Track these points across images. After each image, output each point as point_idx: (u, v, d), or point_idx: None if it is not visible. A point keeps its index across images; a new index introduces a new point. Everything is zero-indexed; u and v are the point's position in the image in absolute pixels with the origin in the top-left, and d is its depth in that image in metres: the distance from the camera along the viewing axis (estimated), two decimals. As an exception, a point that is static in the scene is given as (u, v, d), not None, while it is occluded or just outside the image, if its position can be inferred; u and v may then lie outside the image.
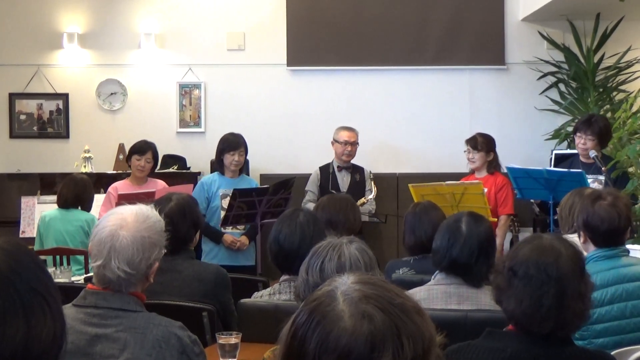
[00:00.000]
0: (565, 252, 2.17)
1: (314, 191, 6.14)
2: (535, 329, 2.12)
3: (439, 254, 3.07)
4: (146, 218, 2.37)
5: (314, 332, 1.13)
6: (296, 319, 1.18)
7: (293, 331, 1.17)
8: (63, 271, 4.57)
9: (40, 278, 1.35)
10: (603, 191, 3.16)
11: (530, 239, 2.27)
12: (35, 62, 7.16)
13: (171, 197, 3.53)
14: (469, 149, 5.76)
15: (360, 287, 1.17)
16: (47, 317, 1.33)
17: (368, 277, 1.22)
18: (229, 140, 5.63)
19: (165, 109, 7.20)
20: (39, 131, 7.22)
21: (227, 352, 2.73)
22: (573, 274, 2.14)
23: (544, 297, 2.10)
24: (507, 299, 2.16)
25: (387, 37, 7.13)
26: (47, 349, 1.32)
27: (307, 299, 1.20)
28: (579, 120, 5.44)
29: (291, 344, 1.16)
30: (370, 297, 1.15)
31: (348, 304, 1.14)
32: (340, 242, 2.29)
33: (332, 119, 6.83)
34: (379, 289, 1.18)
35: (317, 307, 1.16)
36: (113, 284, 2.31)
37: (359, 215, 4.26)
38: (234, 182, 5.59)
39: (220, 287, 3.48)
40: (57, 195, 5.28)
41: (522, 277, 2.14)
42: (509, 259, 2.21)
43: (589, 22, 6.92)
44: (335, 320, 1.13)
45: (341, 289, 1.18)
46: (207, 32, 7.20)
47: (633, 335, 2.94)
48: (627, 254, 3.13)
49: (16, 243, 1.40)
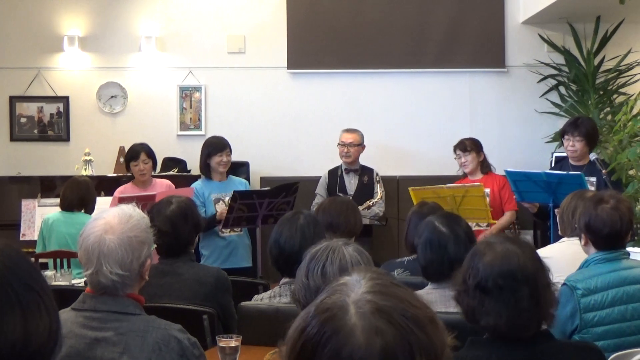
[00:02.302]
0: (521, 251, 2.18)
1: (322, 194, 6.13)
2: (521, 335, 2.12)
3: (434, 265, 3.03)
4: (129, 218, 2.35)
5: (324, 347, 1.11)
6: (306, 329, 1.15)
7: (303, 343, 1.14)
8: (63, 274, 4.58)
9: (33, 276, 1.37)
10: (605, 194, 3.15)
11: (482, 249, 2.23)
12: (36, 65, 7.16)
13: (172, 200, 3.53)
14: (460, 154, 5.83)
15: (372, 298, 1.14)
16: (43, 312, 1.34)
17: (381, 282, 1.18)
18: (213, 142, 5.60)
19: (165, 111, 7.20)
20: (40, 134, 7.22)
21: (227, 355, 2.73)
22: (536, 268, 2.17)
23: (520, 302, 2.11)
24: (484, 316, 2.15)
25: (388, 39, 7.13)
26: (44, 344, 1.34)
27: (317, 308, 1.17)
28: (566, 123, 5.47)
29: (301, 356, 1.14)
30: (383, 310, 1.12)
31: (360, 317, 1.12)
32: (338, 245, 2.29)
33: (332, 122, 6.84)
34: (392, 299, 1.15)
35: (329, 321, 1.13)
36: (109, 288, 2.30)
37: (359, 218, 4.26)
38: (223, 185, 5.55)
39: (220, 289, 3.47)
40: (60, 198, 5.27)
41: (492, 291, 2.13)
42: (471, 276, 2.18)
43: (589, 25, 6.93)
44: (347, 335, 1.10)
45: (352, 297, 1.15)
46: (208, 35, 7.21)
47: (634, 338, 2.94)
48: (627, 257, 3.13)
49: (7, 243, 1.42)
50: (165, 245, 3.39)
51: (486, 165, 5.83)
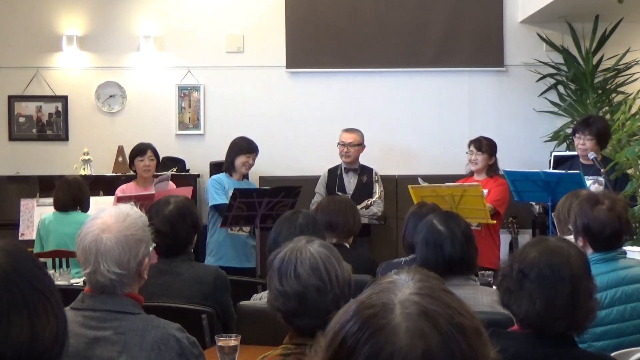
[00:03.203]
0: (573, 252, 2.21)
1: (321, 192, 6.15)
2: (548, 329, 2.13)
3: (429, 264, 3.01)
4: (126, 216, 2.36)
5: (365, 344, 1.07)
6: (347, 324, 1.11)
7: (342, 339, 1.10)
8: (62, 274, 4.57)
9: (41, 278, 1.36)
10: (600, 194, 3.14)
11: (535, 241, 2.29)
12: (35, 65, 7.16)
13: (170, 200, 3.53)
14: (473, 150, 5.73)
15: (419, 300, 1.10)
16: (50, 315, 1.33)
17: (430, 285, 1.15)
18: (244, 144, 5.77)
19: (164, 111, 7.20)
20: (38, 134, 7.22)
21: (226, 354, 2.73)
22: (583, 273, 2.18)
23: (558, 297, 2.12)
24: (518, 301, 2.17)
25: (386, 39, 7.14)
26: (50, 347, 1.33)
27: (361, 304, 1.12)
28: (577, 121, 5.45)
29: (338, 352, 1.10)
30: (429, 314, 1.09)
31: (405, 318, 1.08)
32: (302, 245, 2.24)
33: (331, 121, 6.84)
34: (440, 304, 1.11)
35: (372, 319, 1.09)
36: (107, 287, 2.30)
37: (358, 218, 4.26)
38: (239, 184, 5.66)
39: (219, 289, 3.47)
40: (53, 200, 5.26)
41: (534, 279, 2.15)
42: (517, 262, 2.21)
43: (587, 24, 6.93)
44: (389, 335, 1.07)
45: (399, 297, 1.11)
46: (206, 34, 7.20)
47: (633, 338, 2.94)
48: (624, 256, 3.13)
49: (15, 245, 1.41)
50: (163, 245, 3.39)
51: (494, 169, 5.78)
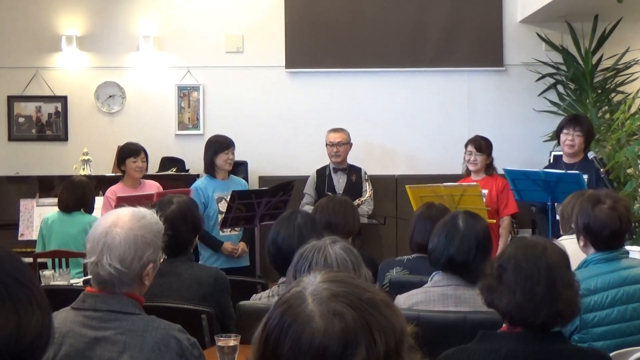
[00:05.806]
0: (549, 245, 2.28)
1: (310, 194, 6.17)
2: (532, 320, 2.15)
3: (436, 252, 3.08)
4: (142, 217, 2.37)
5: (286, 335, 1.15)
6: (268, 322, 1.20)
7: (266, 336, 1.19)
8: (62, 274, 4.57)
9: (22, 270, 1.38)
10: (602, 194, 3.14)
11: (514, 240, 2.38)
12: (34, 65, 7.15)
13: (172, 200, 3.53)
14: (472, 151, 5.73)
15: (328, 286, 1.19)
16: (34, 306, 1.35)
17: (335, 274, 1.23)
18: (219, 141, 5.66)
19: (163, 111, 7.20)
20: (38, 134, 7.22)
21: (226, 354, 2.73)
22: (560, 264, 2.23)
23: (536, 286, 2.17)
24: (499, 296, 2.22)
25: (386, 39, 7.13)
26: (37, 338, 1.34)
27: (277, 302, 1.22)
28: (563, 119, 5.47)
29: (265, 349, 1.18)
30: (338, 294, 1.17)
31: (317, 303, 1.16)
32: (324, 244, 2.28)
33: (330, 121, 6.83)
34: (347, 285, 1.19)
35: (288, 310, 1.18)
36: (106, 282, 2.31)
37: (358, 218, 4.26)
38: (225, 184, 5.60)
39: (219, 289, 3.47)
40: (57, 200, 5.26)
41: (512, 271, 2.21)
42: (496, 260, 2.29)
43: (587, 24, 6.93)
44: (306, 321, 1.14)
45: (309, 289, 1.19)
46: (206, 34, 7.20)
47: (633, 338, 2.94)
48: (626, 256, 3.13)
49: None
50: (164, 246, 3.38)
51: (491, 168, 5.80)
